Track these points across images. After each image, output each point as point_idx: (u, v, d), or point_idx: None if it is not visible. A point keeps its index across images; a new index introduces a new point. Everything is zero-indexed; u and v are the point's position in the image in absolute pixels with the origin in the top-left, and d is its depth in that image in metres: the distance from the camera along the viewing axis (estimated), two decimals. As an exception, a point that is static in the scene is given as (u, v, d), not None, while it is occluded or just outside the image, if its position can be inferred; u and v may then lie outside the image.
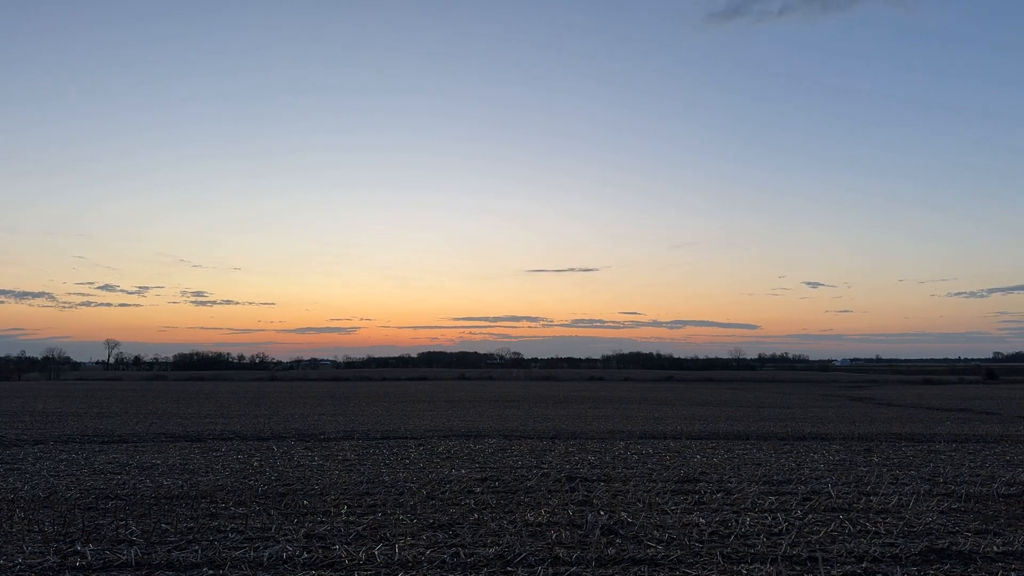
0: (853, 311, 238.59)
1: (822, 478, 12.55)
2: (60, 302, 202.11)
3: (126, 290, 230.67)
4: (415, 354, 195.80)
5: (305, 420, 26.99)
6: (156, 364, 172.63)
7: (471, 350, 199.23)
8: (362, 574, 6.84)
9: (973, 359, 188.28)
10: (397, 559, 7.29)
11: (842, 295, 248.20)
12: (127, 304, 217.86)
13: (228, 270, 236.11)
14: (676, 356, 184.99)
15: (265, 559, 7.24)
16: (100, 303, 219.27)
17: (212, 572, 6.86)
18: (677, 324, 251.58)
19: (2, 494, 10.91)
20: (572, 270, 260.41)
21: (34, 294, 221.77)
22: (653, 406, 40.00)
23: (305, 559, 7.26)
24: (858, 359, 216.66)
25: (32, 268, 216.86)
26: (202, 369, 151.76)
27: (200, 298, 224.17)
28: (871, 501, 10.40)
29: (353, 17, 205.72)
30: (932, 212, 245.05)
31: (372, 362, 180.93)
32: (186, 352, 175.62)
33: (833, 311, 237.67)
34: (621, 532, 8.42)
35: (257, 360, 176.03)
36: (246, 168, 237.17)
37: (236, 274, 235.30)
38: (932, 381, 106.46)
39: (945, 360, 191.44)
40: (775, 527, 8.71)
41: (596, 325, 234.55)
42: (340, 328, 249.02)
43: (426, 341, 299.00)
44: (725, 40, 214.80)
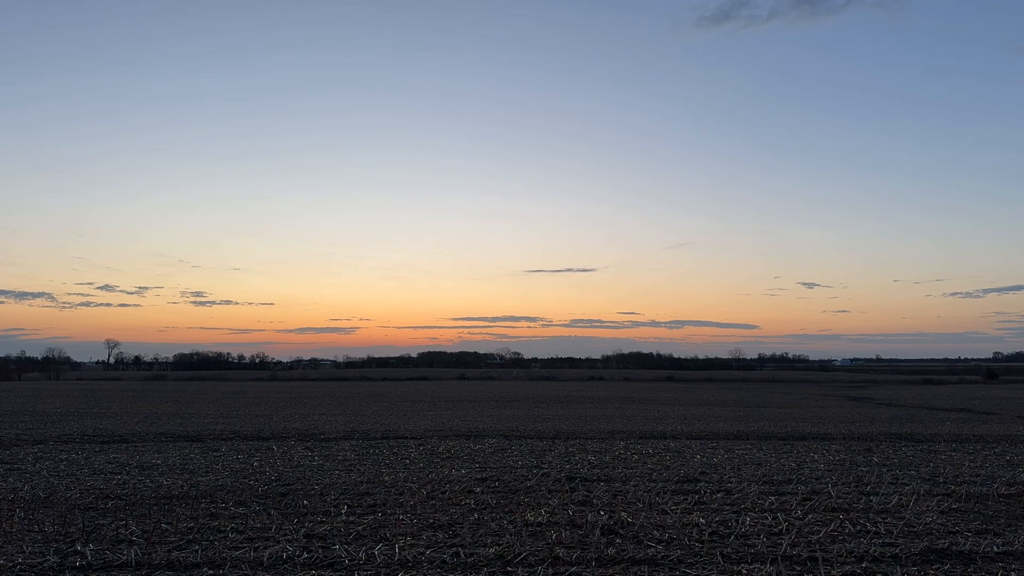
0: (850, 311, 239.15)
1: (822, 478, 12.55)
2: (60, 302, 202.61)
3: (126, 290, 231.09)
4: (415, 354, 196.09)
5: (305, 420, 26.99)
6: (156, 364, 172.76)
7: (471, 350, 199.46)
8: (362, 574, 6.84)
9: (973, 359, 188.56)
10: (397, 559, 7.29)
11: (839, 295, 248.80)
12: (127, 304, 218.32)
13: (227, 270, 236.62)
14: (676, 356, 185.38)
15: (265, 559, 7.24)
16: (100, 303, 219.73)
17: (212, 572, 6.86)
18: (676, 324, 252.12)
19: (2, 494, 10.91)
20: (570, 270, 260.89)
21: (34, 294, 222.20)
22: (653, 406, 40.00)
23: (305, 559, 7.26)
24: (858, 359, 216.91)
25: (32, 268, 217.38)
26: (202, 369, 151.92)
27: (199, 298, 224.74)
28: (871, 501, 10.40)
29: (353, 17, 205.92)
30: (926, 213, 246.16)
31: (372, 362, 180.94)
32: (186, 352, 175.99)
33: (831, 311, 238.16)
34: (621, 532, 8.42)
35: (257, 360, 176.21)
36: (245, 168, 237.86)
37: (235, 274, 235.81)
38: (932, 381, 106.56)
39: (945, 360, 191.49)
40: (775, 527, 8.71)
41: (595, 325, 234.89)
42: (340, 328, 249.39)
43: (425, 341, 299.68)
44: (716, 43, 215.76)
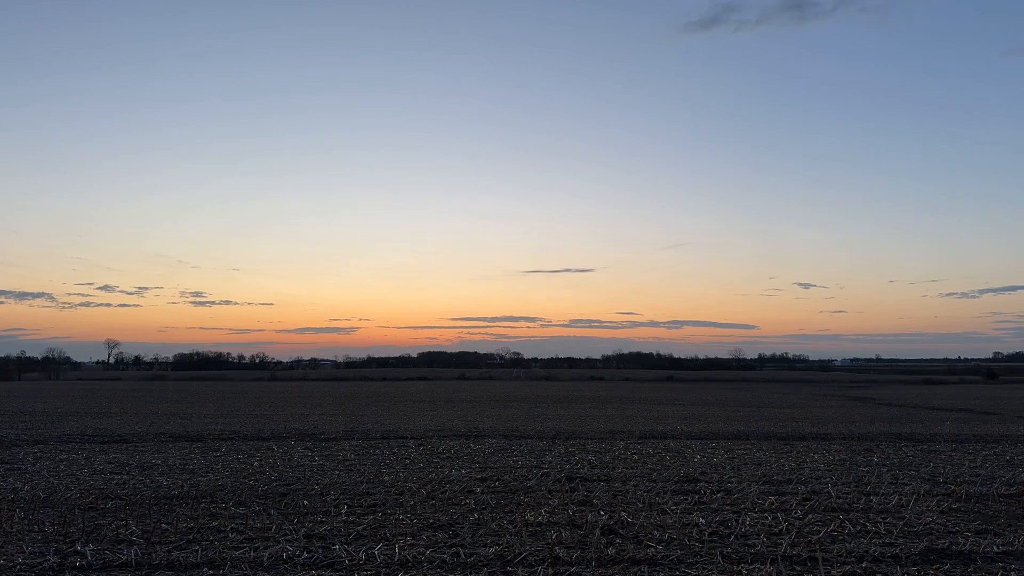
0: (847, 311, 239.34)
1: (822, 478, 12.55)
2: (60, 302, 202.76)
3: (125, 291, 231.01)
4: (415, 354, 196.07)
5: (305, 420, 26.99)
6: (156, 364, 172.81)
7: (470, 350, 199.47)
8: (362, 574, 6.84)
9: (973, 359, 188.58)
10: (397, 559, 7.28)
11: (835, 295, 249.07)
12: (126, 304, 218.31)
13: (227, 270, 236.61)
14: (676, 356, 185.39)
15: (265, 559, 7.24)
16: (100, 303, 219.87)
17: (212, 572, 6.86)
18: (674, 324, 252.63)
19: (2, 494, 10.91)
20: (568, 271, 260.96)
21: (34, 294, 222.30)
22: (653, 406, 39.99)
23: (305, 559, 7.26)
24: (858, 359, 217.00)
25: (32, 268, 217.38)
26: (202, 369, 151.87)
27: (199, 298, 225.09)
28: (871, 501, 10.40)
29: (353, 17, 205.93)
30: (920, 214, 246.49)
31: (372, 362, 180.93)
32: (186, 352, 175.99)
33: (828, 311, 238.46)
34: (621, 532, 8.42)
35: (257, 360, 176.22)
36: (245, 168, 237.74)
37: (235, 274, 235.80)
38: (932, 381, 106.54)
39: (945, 360, 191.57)
40: (775, 527, 8.71)
41: (594, 325, 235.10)
42: (339, 328, 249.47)
43: (424, 341, 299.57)
44: (709, 45, 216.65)
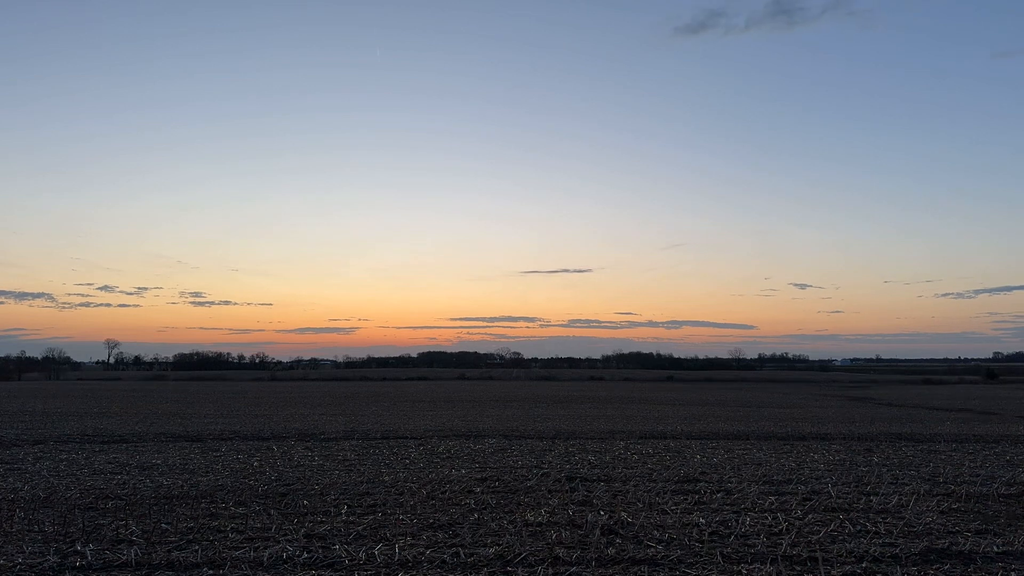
0: (845, 312, 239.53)
1: (822, 478, 12.55)
2: (60, 302, 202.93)
3: (125, 291, 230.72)
4: (415, 354, 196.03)
5: (305, 420, 26.99)
6: (156, 364, 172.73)
7: (470, 350, 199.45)
8: (362, 574, 6.84)
9: (973, 359, 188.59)
10: (397, 559, 7.28)
11: (831, 296, 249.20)
12: (126, 305, 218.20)
13: (227, 271, 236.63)
14: (676, 356, 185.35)
15: (265, 559, 7.24)
16: (100, 303, 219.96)
17: (212, 572, 6.86)
18: (673, 324, 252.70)
19: (2, 494, 10.91)
20: (566, 271, 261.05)
21: (34, 294, 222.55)
22: (653, 406, 39.99)
23: (305, 559, 7.26)
24: (858, 359, 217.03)
25: (32, 268, 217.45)
26: (202, 369, 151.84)
27: (198, 299, 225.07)
28: (871, 501, 10.40)
29: (353, 17, 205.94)
30: (915, 215, 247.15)
31: (372, 362, 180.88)
32: (186, 352, 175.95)
33: (825, 312, 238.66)
34: (621, 532, 8.42)
35: (257, 360, 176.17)
36: (245, 168, 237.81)
37: (235, 275, 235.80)
38: (932, 381, 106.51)
39: (945, 360, 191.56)
40: (775, 527, 8.71)
41: (593, 325, 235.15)
42: (339, 328, 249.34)
43: (424, 341, 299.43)
44: (701, 48, 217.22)
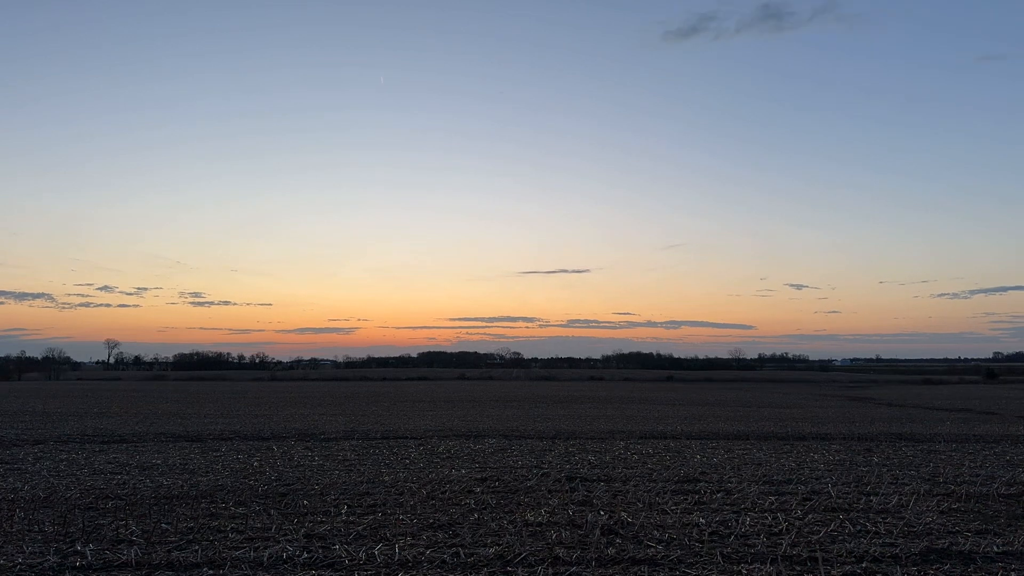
0: (842, 312, 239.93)
1: (822, 478, 12.55)
2: (60, 303, 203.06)
3: (125, 291, 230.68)
4: (415, 354, 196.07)
5: (305, 420, 26.98)
6: (156, 364, 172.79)
7: (469, 350, 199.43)
8: (362, 574, 6.84)
9: (973, 359, 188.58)
10: (397, 559, 7.28)
11: (827, 296, 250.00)
12: (126, 305, 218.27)
13: (226, 271, 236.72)
14: (676, 356, 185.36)
15: (265, 559, 7.24)
16: (99, 304, 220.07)
17: (212, 572, 6.86)
18: (672, 324, 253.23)
19: (2, 494, 10.91)
20: (564, 271, 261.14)
21: (34, 294, 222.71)
22: (653, 406, 39.99)
23: (305, 559, 7.26)
24: (858, 359, 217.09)
25: (32, 268, 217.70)
26: (202, 369, 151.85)
27: (198, 299, 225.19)
28: (871, 501, 10.40)
29: (353, 17, 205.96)
30: (910, 215, 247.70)
31: (372, 362, 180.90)
32: (186, 352, 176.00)
33: (823, 312, 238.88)
34: (621, 532, 8.42)
35: (257, 360, 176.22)
36: (245, 168, 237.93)
37: (234, 275, 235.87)
38: (932, 381, 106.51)
39: (945, 360, 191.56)
40: (775, 527, 8.71)
41: (591, 325, 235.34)
42: (338, 328, 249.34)
43: (423, 341, 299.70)
44: (695, 49, 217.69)
